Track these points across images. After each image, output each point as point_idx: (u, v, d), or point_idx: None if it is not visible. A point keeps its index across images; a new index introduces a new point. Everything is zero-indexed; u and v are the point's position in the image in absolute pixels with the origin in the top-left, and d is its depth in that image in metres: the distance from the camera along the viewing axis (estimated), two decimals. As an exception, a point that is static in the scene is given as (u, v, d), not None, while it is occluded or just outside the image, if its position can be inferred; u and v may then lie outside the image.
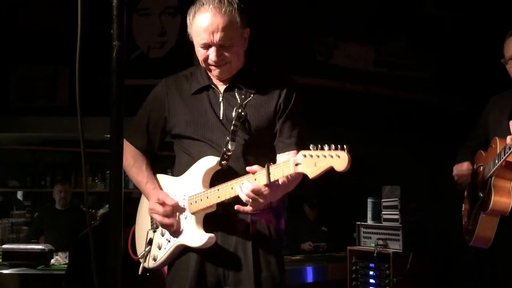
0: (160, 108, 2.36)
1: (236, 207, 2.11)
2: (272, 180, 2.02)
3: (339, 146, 1.89)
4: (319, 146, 1.93)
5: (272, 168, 2.02)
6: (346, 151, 1.87)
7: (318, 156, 1.90)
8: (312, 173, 1.92)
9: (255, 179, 2.05)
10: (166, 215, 2.24)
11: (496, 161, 2.78)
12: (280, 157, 2.24)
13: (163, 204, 2.25)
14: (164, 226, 2.27)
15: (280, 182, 2.08)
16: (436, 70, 6.40)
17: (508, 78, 2.99)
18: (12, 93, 5.35)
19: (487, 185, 2.88)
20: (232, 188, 2.10)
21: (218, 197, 2.14)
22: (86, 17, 1.61)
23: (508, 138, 2.57)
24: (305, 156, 1.94)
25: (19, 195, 7.51)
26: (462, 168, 3.12)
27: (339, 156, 1.87)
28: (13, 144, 6.95)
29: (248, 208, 2.09)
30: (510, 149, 2.65)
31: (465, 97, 6.04)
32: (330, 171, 1.90)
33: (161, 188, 2.37)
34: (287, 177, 2.05)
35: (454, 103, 6.16)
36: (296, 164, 1.95)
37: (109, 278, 1.52)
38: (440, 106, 6.20)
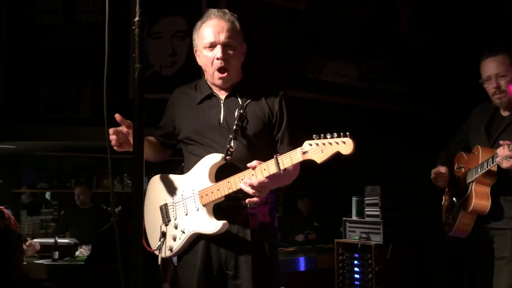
0: (170, 115, 2.40)
1: (247, 200, 2.12)
2: (281, 168, 2.00)
3: (341, 133, 1.89)
4: (322, 135, 1.92)
5: (281, 157, 2.00)
6: (349, 136, 1.88)
7: (324, 144, 1.90)
8: (320, 158, 1.91)
9: (265, 169, 2.03)
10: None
11: (479, 170, 2.80)
12: None
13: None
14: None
15: (286, 171, 2.05)
16: (412, 84, 6.43)
17: (480, 93, 3.02)
18: (41, 106, 5.34)
19: (468, 188, 2.89)
20: (242, 179, 2.08)
21: (229, 188, 2.12)
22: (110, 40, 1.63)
23: (500, 149, 2.60)
24: (311, 144, 1.93)
25: (47, 195, 7.47)
26: (440, 173, 3.12)
27: (344, 142, 1.87)
28: (42, 150, 6.91)
29: (255, 199, 2.11)
30: (493, 162, 2.69)
31: (437, 107, 6.09)
32: (336, 156, 1.89)
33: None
34: (284, 170, 2.03)
35: (428, 112, 6.20)
36: (304, 152, 1.94)
37: (132, 268, 1.52)
38: (415, 115, 6.23)
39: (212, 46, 2.20)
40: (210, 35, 2.20)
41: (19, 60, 5.30)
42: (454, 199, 3.06)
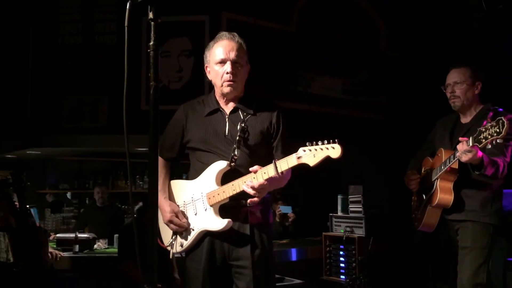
0: (180, 127, 2.41)
1: (248, 200, 2.16)
2: (279, 171, 2.05)
3: (331, 140, 1.95)
4: (314, 142, 1.98)
5: (279, 162, 2.06)
6: (337, 142, 1.94)
7: (316, 150, 1.96)
8: (312, 162, 1.97)
9: (265, 173, 2.08)
10: (180, 225, 2.33)
11: (442, 167, 2.82)
12: None
13: (177, 215, 2.33)
14: (179, 228, 2.35)
15: (283, 174, 2.09)
16: (389, 96, 6.47)
17: (447, 102, 3.07)
18: (64, 117, 5.35)
19: (433, 185, 2.91)
20: (244, 182, 2.14)
21: (233, 190, 2.17)
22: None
23: (459, 145, 2.60)
24: (304, 150, 1.99)
25: (68, 195, 7.43)
26: (411, 177, 3.16)
27: (333, 148, 1.94)
28: (64, 156, 6.91)
29: (256, 199, 2.15)
30: (454, 158, 2.70)
31: (412, 116, 6.14)
32: (327, 159, 1.95)
33: (172, 195, 2.41)
34: (281, 173, 2.08)
35: (404, 120, 6.24)
36: (298, 157, 1.99)
37: (148, 260, 1.52)
38: (392, 123, 6.28)
39: (223, 62, 2.27)
40: (221, 53, 2.27)
41: (44, 76, 5.34)
42: (423, 196, 3.10)
